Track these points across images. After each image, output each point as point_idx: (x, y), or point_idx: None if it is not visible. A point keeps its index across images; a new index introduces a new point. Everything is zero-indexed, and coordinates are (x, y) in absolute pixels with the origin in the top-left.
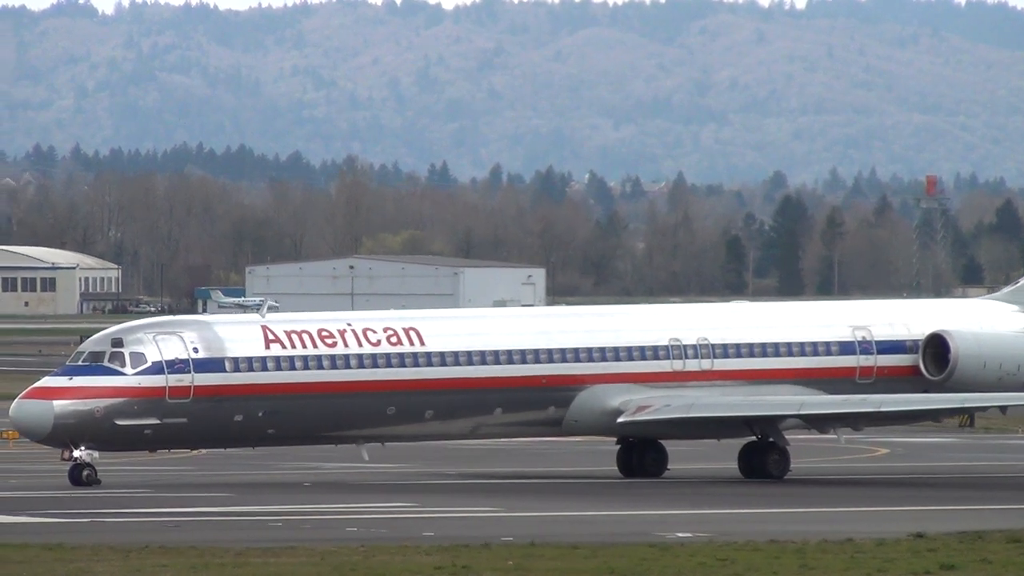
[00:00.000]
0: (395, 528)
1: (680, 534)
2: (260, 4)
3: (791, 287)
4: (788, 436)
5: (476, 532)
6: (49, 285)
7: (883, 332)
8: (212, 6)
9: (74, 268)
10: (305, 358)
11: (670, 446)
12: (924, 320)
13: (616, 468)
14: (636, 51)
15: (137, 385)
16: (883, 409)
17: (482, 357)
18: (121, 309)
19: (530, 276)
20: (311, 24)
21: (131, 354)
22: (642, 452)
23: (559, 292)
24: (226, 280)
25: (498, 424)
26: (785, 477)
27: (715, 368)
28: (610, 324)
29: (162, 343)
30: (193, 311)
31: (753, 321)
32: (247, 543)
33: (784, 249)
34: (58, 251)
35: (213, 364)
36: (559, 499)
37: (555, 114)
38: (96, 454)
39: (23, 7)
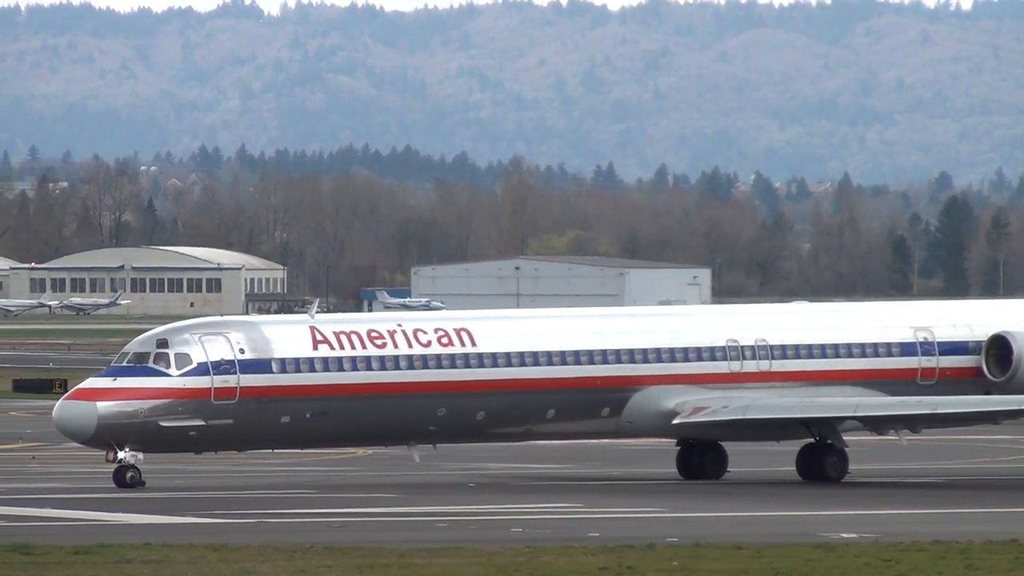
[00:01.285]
0: (560, 529)
1: (845, 535)
2: (426, 5)
3: (956, 287)
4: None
5: (641, 532)
6: (215, 286)
7: (945, 333)
8: (378, 7)
9: (240, 269)
10: (354, 359)
11: (730, 448)
12: (987, 321)
13: (676, 469)
14: (802, 52)
15: (182, 386)
16: (939, 411)
17: (535, 358)
18: (286, 310)
19: (695, 277)
20: (477, 25)
21: (176, 355)
22: (702, 454)
23: (724, 293)
24: (391, 281)
25: (551, 426)
26: (843, 480)
27: (773, 369)
28: (666, 325)
29: (208, 344)
30: (359, 312)
31: (813, 322)
32: (412, 544)
33: (949, 249)
34: (224, 252)
35: (260, 365)
36: (724, 499)
37: (720, 115)
38: (141, 456)
39: (189, 8)
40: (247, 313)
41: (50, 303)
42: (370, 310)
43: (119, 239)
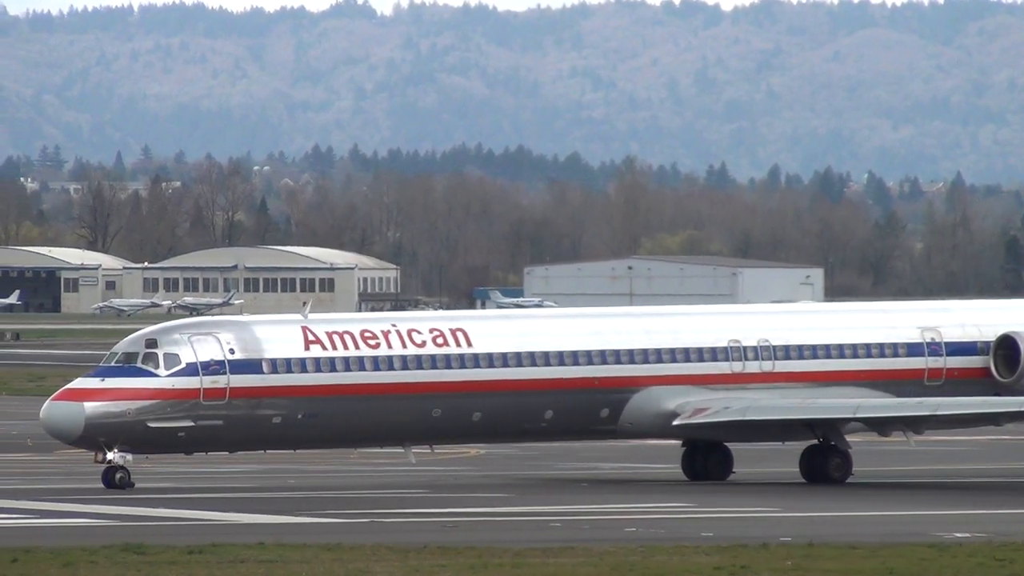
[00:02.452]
0: (673, 528)
1: (958, 534)
2: (539, 5)
3: None
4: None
5: (754, 532)
6: (328, 286)
7: (953, 333)
8: (491, 7)
9: (352, 268)
10: (346, 359)
11: (735, 449)
12: (996, 321)
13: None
14: (914, 52)
15: (170, 387)
16: (939, 412)
17: (532, 358)
18: (399, 310)
19: (808, 276)
20: (590, 25)
21: (165, 355)
22: (706, 455)
23: (837, 292)
24: (504, 281)
25: (549, 427)
26: (847, 481)
27: (776, 370)
28: (667, 325)
29: (197, 344)
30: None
31: (817, 322)
32: (526, 543)
33: None
34: (337, 251)
35: (250, 365)
36: (837, 499)
37: (833, 115)
38: (130, 457)
39: (302, 8)
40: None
41: (164, 303)
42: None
43: (232, 239)
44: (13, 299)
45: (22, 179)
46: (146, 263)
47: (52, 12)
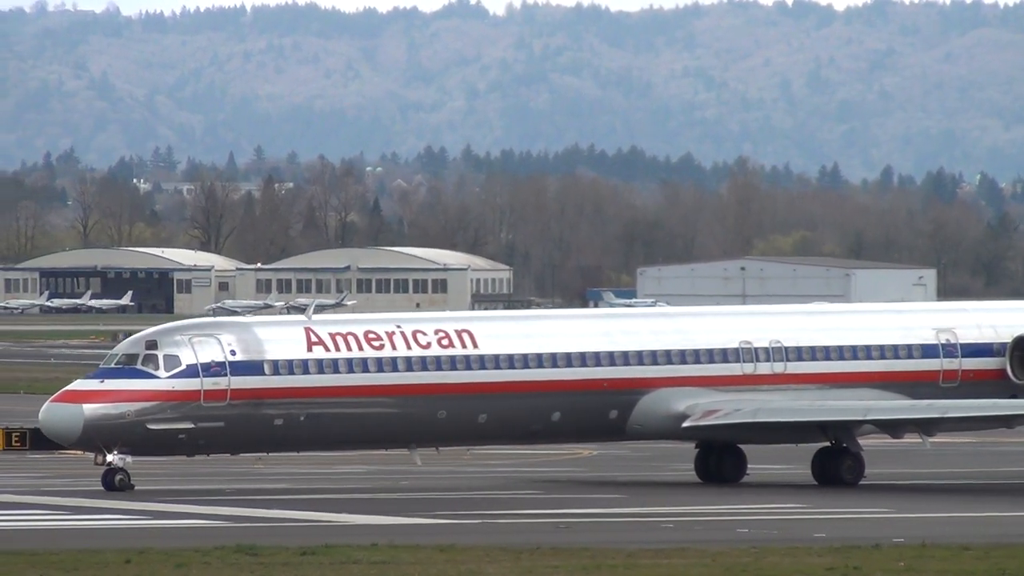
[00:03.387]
0: (786, 529)
1: None
2: (651, 5)
3: None
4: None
5: (866, 533)
6: (440, 286)
7: (969, 335)
8: (603, 7)
9: (465, 269)
10: (349, 361)
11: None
12: (1012, 323)
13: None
14: None
15: (170, 388)
16: (949, 415)
17: (539, 360)
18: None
19: (921, 277)
20: (702, 25)
21: (165, 356)
22: (720, 457)
23: (949, 293)
24: (617, 281)
25: (556, 428)
26: (859, 483)
27: (788, 372)
28: (677, 326)
29: (198, 345)
30: None
31: (831, 323)
32: (638, 544)
33: None
34: (449, 252)
35: (251, 367)
36: (950, 500)
37: (945, 115)
38: (129, 459)
39: (415, 9)
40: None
41: (276, 304)
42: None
43: (345, 240)
44: (126, 300)
45: (135, 180)
46: (259, 264)
47: (165, 13)
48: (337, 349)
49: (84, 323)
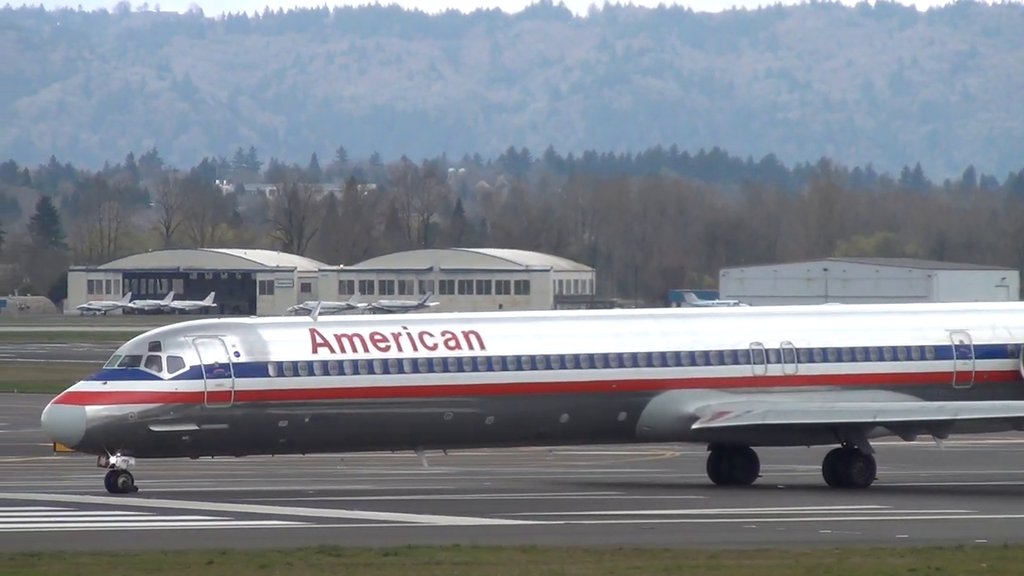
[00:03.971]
0: (868, 530)
1: None
2: (734, 6)
3: None
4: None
5: (949, 534)
6: (523, 288)
7: (983, 336)
8: (686, 8)
9: (548, 271)
10: (355, 362)
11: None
12: None
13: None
14: None
15: (173, 390)
16: (960, 417)
17: (547, 361)
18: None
19: (1004, 278)
20: (785, 26)
21: (168, 358)
22: (732, 459)
23: None
24: (700, 282)
25: (565, 430)
26: (871, 485)
27: (799, 373)
28: (687, 327)
29: (202, 347)
30: None
31: (842, 324)
32: (720, 545)
33: None
34: (532, 253)
35: (255, 368)
36: None
37: None
38: (132, 461)
39: (497, 10)
40: None
41: (359, 305)
42: None
43: (427, 241)
44: (208, 301)
45: (218, 181)
46: (341, 265)
47: (248, 14)
48: (342, 350)
49: (166, 324)
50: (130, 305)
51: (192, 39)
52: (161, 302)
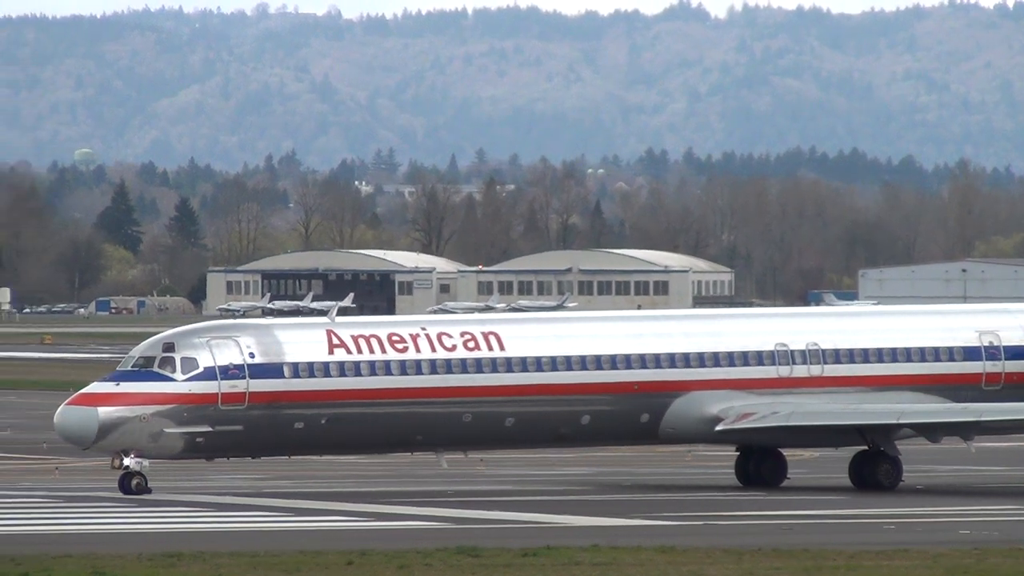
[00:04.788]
0: (1008, 531)
1: None
2: (872, 8)
3: None
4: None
5: None
6: (662, 288)
7: (1013, 337)
8: (825, 10)
9: (687, 272)
10: (372, 363)
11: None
12: None
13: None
14: None
15: (187, 392)
16: (984, 418)
17: (567, 362)
18: None
19: None
20: (924, 27)
21: (182, 359)
22: (759, 461)
23: None
24: (838, 283)
25: (586, 432)
26: (897, 488)
27: (825, 374)
28: (711, 328)
29: (216, 348)
30: None
31: (870, 325)
32: (860, 546)
33: None
34: (671, 254)
35: (270, 370)
36: None
37: None
38: (146, 462)
39: (636, 11)
40: None
41: (497, 306)
42: None
43: (566, 242)
44: (347, 302)
45: (357, 182)
46: (480, 266)
47: (387, 16)
48: (359, 351)
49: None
50: (269, 306)
51: (330, 41)
52: (300, 303)
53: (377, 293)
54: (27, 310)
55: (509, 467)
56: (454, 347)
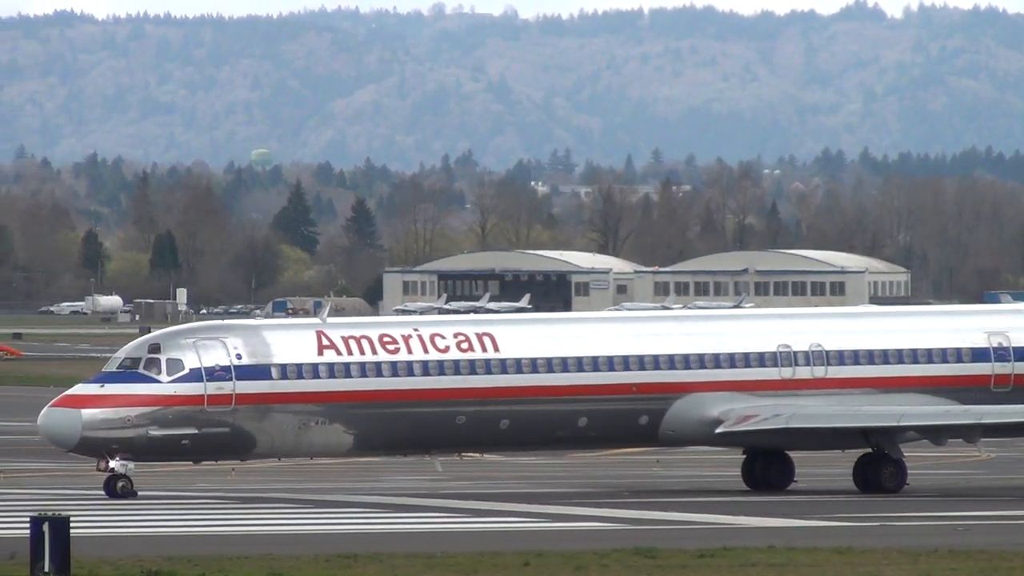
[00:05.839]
0: None
1: None
2: None
3: None
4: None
5: None
6: (838, 289)
7: (1023, 338)
8: (1001, 10)
9: (863, 272)
10: (362, 365)
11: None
12: None
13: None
14: None
15: (172, 393)
16: (984, 421)
17: (563, 364)
18: None
19: None
20: None
21: (168, 360)
22: (766, 463)
23: None
24: (1015, 284)
25: (583, 435)
26: (902, 490)
27: (829, 376)
28: (712, 328)
29: (202, 349)
30: None
31: (876, 327)
32: None
33: None
34: (847, 255)
35: (257, 371)
36: None
37: None
38: (131, 465)
39: (812, 12)
40: None
41: (673, 306)
42: None
43: (742, 242)
44: (523, 302)
45: (533, 183)
46: (657, 267)
47: (563, 16)
48: (349, 353)
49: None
50: (445, 306)
51: (506, 40)
52: (476, 303)
53: (553, 294)
54: (204, 311)
55: (684, 468)
56: (447, 348)
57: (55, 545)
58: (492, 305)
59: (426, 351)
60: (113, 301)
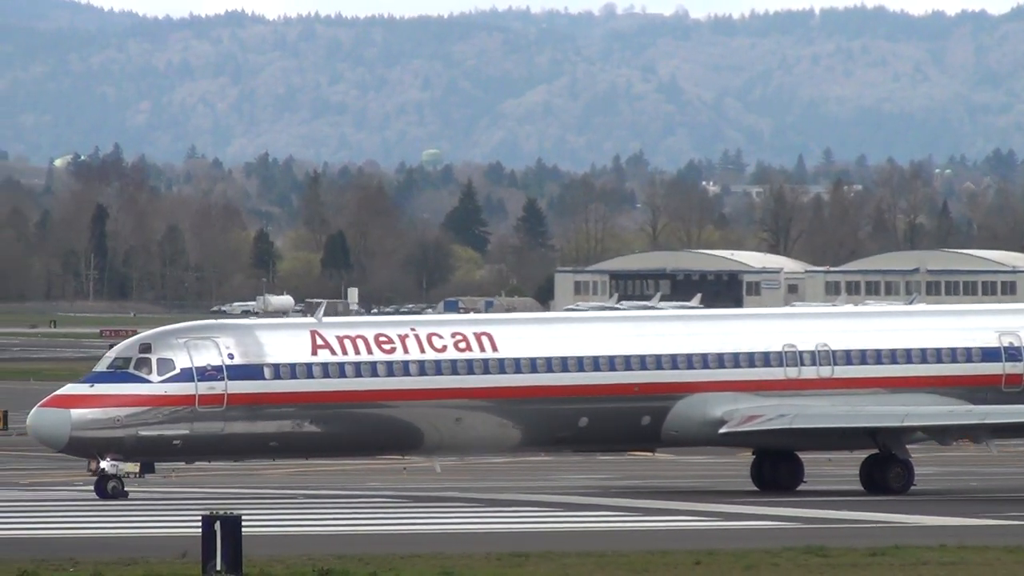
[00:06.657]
0: None
1: None
2: None
3: None
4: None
5: None
6: (1009, 288)
7: None
8: None
9: None
10: (357, 364)
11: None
12: None
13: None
14: None
15: (163, 393)
16: (988, 421)
17: (563, 363)
18: None
19: None
20: None
21: (158, 360)
22: (775, 464)
23: None
24: None
25: (584, 435)
26: (909, 491)
27: (836, 376)
28: (716, 328)
29: (194, 349)
30: None
31: (884, 326)
32: None
33: None
34: (1018, 254)
35: (250, 371)
36: None
37: None
38: (122, 466)
39: (983, 11)
40: None
41: (844, 306)
42: None
43: (913, 242)
44: (694, 302)
45: (704, 183)
46: (828, 266)
47: (733, 15)
48: (344, 352)
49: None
50: (616, 307)
51: (677, 40)
52: (647, 303)
53: (724, 294)
54: (375, 310)
55: (851, 466)
56: (444, 348)
57: (227, 544)
58: (663, 305)
59: (423, 351)
60: (284, 301)
